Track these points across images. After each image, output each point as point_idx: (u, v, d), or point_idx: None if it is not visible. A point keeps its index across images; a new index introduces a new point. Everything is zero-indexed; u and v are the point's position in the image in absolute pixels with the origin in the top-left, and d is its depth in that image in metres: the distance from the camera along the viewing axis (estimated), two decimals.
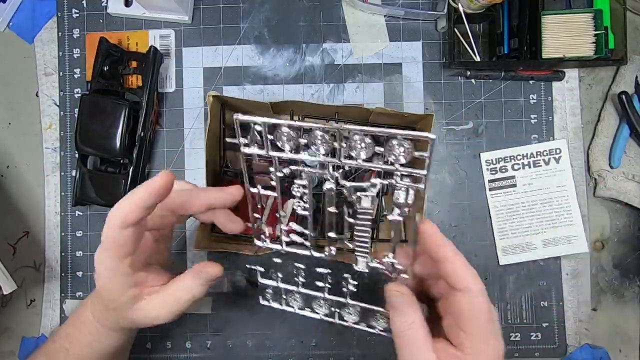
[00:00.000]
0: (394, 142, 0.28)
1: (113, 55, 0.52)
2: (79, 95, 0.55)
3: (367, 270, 0.35)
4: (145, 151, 0.52)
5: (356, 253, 0.35)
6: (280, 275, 0.38)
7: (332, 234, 0.35)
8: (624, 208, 0.55)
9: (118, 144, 0.50)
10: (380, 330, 0.36)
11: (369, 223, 0.32)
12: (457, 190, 0.55)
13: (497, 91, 0.55)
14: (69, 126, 0.55)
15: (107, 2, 0.55)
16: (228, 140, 0.33)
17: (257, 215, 0.38)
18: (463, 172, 0.55)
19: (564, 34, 0.51)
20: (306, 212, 0.34)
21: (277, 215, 0.37)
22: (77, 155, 0.52)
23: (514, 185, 0.54)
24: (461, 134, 0.55)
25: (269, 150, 0.32)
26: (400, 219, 0.30)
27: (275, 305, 0.40)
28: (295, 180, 0.33)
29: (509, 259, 0.53)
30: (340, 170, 0.32)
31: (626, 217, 0.55)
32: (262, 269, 0.39)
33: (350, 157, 0.30)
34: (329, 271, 0.36)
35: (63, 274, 0.55)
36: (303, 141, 0.31)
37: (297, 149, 0.31)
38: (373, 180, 0.31)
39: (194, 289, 0.36)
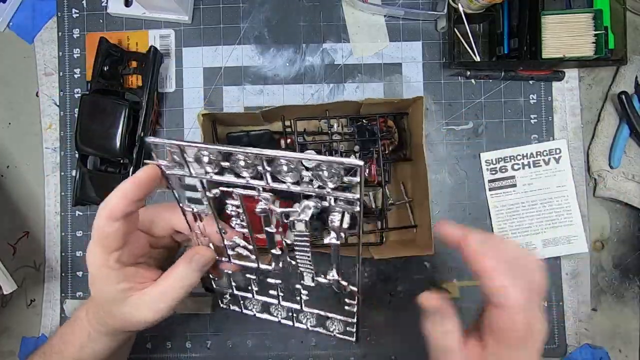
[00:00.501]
0: (323, 168, 0.27)
1: (113, 55, 0.52)
2: (79, 95, 0.55)
3: (313, 284, 0.35)
4: (145, 151, 0.52)
5: (300, 269, 0.34)
6: (234, 283, 0.38)
7: (274, 251, 0.34)
8: (624, 208, 0.55)
9: (118, 144, 0.50)
10: (338, 334, 0.36)
11: (307, 244, 0.31)
12: (457, 190, 0.55)
13: (497, 91, 0.55)
14: (69, 126, 0.55)
15: (107, 2, 0.55)
16: (146, 161, 0.32)
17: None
18: (463, 172, 0.55)
19: (564, 34, 0.51)
20: (245, 230, 0.33)
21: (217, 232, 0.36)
22: (77, 155, 0.52)
23: (514, 185, 0.54)
24: (461, 134, 0.55)
25: (191, 171, 0.30)
26: (337, 242, 0.30)
27: (234, 308, 0.40)
28: (227, 201, 0.32)
29: None
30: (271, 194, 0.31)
31: (626, 217, 0.55)
32: (215, 278, 0.39)
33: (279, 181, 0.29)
34: (279, 282, 0.36)
35: (63, 274, 0.55)
36: (226, 164, 0.29)
37: (221, 171, 0.30)
38: (306, 202, 0.30)
39: (187, 276, 0.34)
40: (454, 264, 0.54)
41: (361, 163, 0.25)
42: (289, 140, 0.52)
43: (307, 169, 0.28)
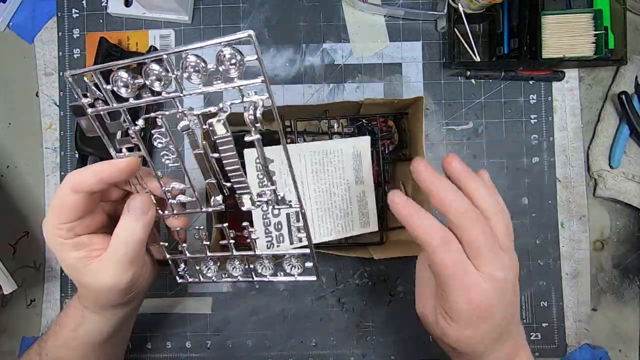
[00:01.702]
0: (224, 52, 0.27)
1: (113, 55, 0.52)
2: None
3: (254, 208, 0.33)
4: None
5: (237, 193, 0.32)
6: (185, 245, 0.37)
7: (210, 180, 0.32)
8: (624, 208, 0.55)
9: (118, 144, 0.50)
10: (299, 275, 0.34)
11: (234, 153, 0.30)
12: None
13: (497, 91, 0.55)
14: (69, 126, 0.55)
15: (107, 2, 0.55)
16: (71, 104, 0.31)
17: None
18: None
19: (564, 34, 0.51)
20: (177, 164, 0.32)
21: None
22: (77, 155, 0.52)
23: None
24: (461, 134, 0.55)
25: (112, 102, 0.30)
26: (258, 137, 0.29)
27: (193, 280, 0.39)
28: (153, 131, 0.31)
29: None
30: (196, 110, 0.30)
31: (626, 217, 0.55)
32: (166, 244, 0.38)
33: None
34: (226, 224, 0.35)
35: (63, 274, 0.55)
36: (140, 81, 0.29)
37: (138, 94, 0.29)
38: (221, 104, 0.29)
39: (129, 227, 0.33)
40: None
41: (250, 32, 0.25)
42: (289, 140, 0.52)
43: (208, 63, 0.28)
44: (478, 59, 0.54)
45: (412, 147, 0.51)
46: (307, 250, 0.33)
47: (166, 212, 0.36)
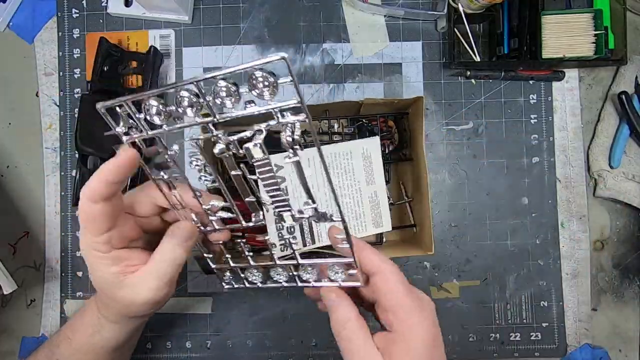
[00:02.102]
0: (256, 75, 0.27)
1: (113, 55, 0.52)
2: (79, 95, 0.55)
3: (295, 223, 0.34)
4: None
5: (278, 210, 0.32)
6: (229, 256, 0.38)
7: (249, 199, 0.33)
8: (624, 208, 0.55)
9: None
10: (342, 282, 0.34)
11: (272, 174, 0.30)
12: (457, 190, 0.55)
13: (497, 91, 0.55)
14: (69, 126, 0.55)
15: (107, 2, 0.55)
16: (106, 134, 0.31)
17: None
18: (463, 172, 0.55)
19: (564, 34, 0.51)
20: (216, 184, 0.32)
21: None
22: (77, 155, 0.52)
23: None
24: (461, 134, 0.55)
25: (147, 130, 0.30)
26: (297, 159, 0.28)
27: (239, 285, 0.39)
28: (189, 156, 0.32)
29: None
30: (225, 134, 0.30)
31: (626, 217, 0.55)
32: (210, 255, 0.38)
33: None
34: (268, 237, 0.36)
35: (63, 274, 0.55)
36: (171, 108, 0.29)
37: (170, 120, 0.30)
38: (256, 126, 0.28)
39: (171, 250, 0.34)
40: (454, 264, 0.54)
41: (283, 55, 0.24)
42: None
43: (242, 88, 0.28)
44: (478, 59, 0.54)
45: (412, 147, 0.51)
46: (350, 259, 0.33)
47: (208, 227, 0.37)
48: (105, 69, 0.51)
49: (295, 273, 0.37)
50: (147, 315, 0.39)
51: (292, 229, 0.47)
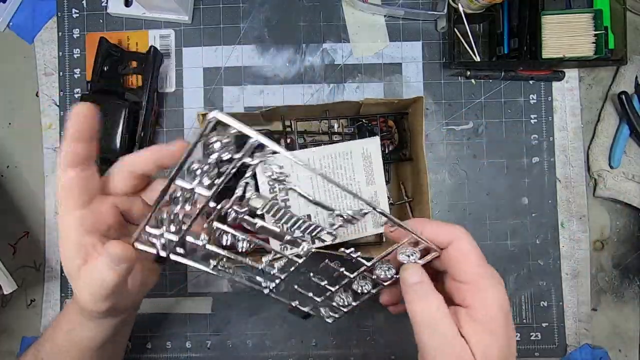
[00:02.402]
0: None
1: (113, 55, 0.52)
2: (79, 95, 0.55)
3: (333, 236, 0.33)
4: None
5: (314, 235, 0.32)
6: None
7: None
8: (624, 208, 0.55)
9: (118, 144, 0.50)
10: (420, 259, 0.31)
11: (288, 213, 0.30)
12: (457, 190, 0.55)
13: (497, 91, 0.55)
14: None
15: (107, 2, 0.55)
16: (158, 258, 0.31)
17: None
18: (463, 172, 0.55)
19: (564, 34, 0.51)
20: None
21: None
22: None
23: None
24: (461, 134, 0.55)
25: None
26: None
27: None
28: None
29: None
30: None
31: (626, 217, 0.55)
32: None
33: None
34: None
35: (63, 274, 0.55)
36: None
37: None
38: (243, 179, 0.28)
39: (101, 271, 0.30)
40: None
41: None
42: (289, 140, 0.52)
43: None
44: (478, 59, 0.54)
45: (412, 147, 0.51)
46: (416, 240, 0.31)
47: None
48: (105, 69, 0.51)
49: (354, 287, 0.35)
50: (118, 316, 0.37)
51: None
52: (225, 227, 0.31)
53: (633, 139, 0.54)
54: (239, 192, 0.28)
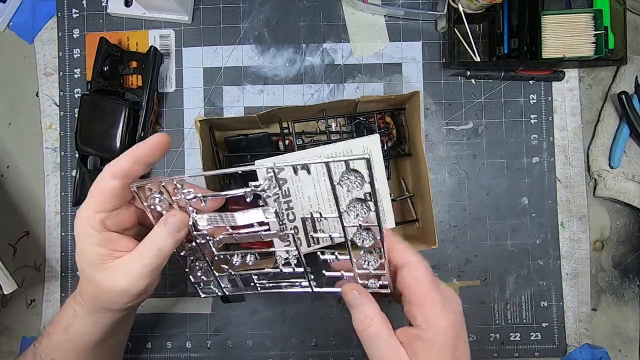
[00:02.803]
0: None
1: (113, 55, 0.52)
2: (79, 95, 0.55)
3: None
4: None
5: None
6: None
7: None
8: (624, 208, 0.55)
9: (118, 144, 0.50)
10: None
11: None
12: (457, 190, 0.55)
13: (497, 91, 0.55)
14: (69, 126, 0.55)
15: (107, 2, 0.55)
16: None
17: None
18: (463, 172, 0.55)
19: (564, 34, 0.51)
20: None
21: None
22: (77, 155, 0.52)
23: None
24: (461, 134, 0.55)
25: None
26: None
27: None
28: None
29: None
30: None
31: (626, 217, 0.55)
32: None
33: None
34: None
35: (63, 274, 0.55)
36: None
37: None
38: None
39: (159, 239, 0.33)
40: (454, 263, 0.54)
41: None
42: (287, 142, 0.52)
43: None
44: (478, 59, 0.54)
45: (411, 142, 0.51)
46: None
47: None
48: (105, 69, 0.51)
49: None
50: (122, 310, 0.38)
51: (296, 230, 0.46)
52: (225, 252, 0.36)
53: (633, 139, 0.54)
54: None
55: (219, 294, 0.40)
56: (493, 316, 0.54)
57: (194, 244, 0.36)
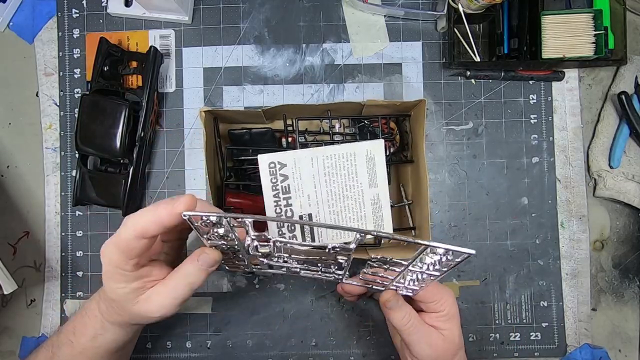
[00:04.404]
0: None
1: (113, 55, 0.52)
2: (79, 95, 0.55)
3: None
4: (145, 151, 0.52)
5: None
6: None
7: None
8: (624, 208, 0.55)
9: (118, 144, 0.50)
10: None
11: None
12: (457, 190, 0.55)
13: (497, 91, 0.55)
14: (69, 126, 0.55)
15: (107, 2, 0.55)
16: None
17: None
18: (463, 172, 0.55)
19: (564, 34, 0.51)
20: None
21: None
22: (77, 155, 0.52)
23: None
24: (461, 134, 0.55)
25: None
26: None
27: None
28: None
29: None
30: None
31: (626, 217, 0.55)
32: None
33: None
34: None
35: (63, 274, 0.55)
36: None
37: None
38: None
39: (192, 274, 0.35)
40: None
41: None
42: (290, 139, 0.52)
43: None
44: (478, 59, 0.54)
45: (414, 149, 0.51)
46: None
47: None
48: (105, 69, 0.51)
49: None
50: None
51: (293, 227, 0.46)
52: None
53: (633, 139, 0.54)
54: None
55: (246, 269, 0.41)
56: (493, 316, 0.54)
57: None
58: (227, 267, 0.41)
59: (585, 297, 0.54)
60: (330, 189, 0.47)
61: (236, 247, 0.34)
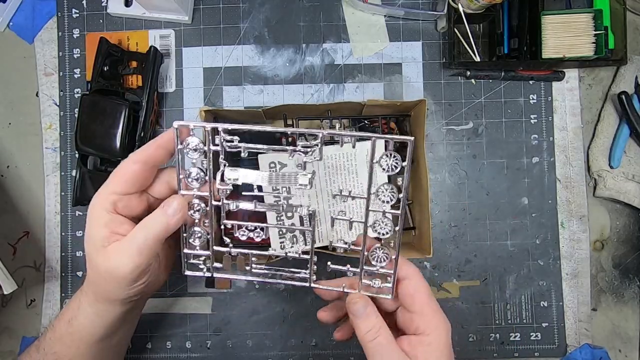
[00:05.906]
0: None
1: (113, 55, 0.52)
2: (79, 95, 0.55)
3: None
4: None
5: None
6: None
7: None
8: (624, 208, 0.55)
9: (118, 144, 0.50)
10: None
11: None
12: (457, 190, 0.55)
13: (497, 91, 0.55)
14: (69, 126, 0.55)
15: (107, 2, 0.55)
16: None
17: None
18: (463, 172, 0.55)
19: (564, 34, 0.51)
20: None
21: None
22: (77, 155, 0.52)
23: None
24: (461, 134, 0.55)
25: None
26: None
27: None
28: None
29: None
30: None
31: (626, 217, 0.55)
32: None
33: None
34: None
35: (63, 274, 0.55)
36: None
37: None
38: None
39: (154, 222, 0.34)
40: (454, 264, 0.54)
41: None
42: (290, 139, 0.52)
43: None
44: (478, 59, 0.54)
45: (414, 150, 0.50)
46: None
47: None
48: (105, 69, 0.51)
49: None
50: (124, 304, 0.37)
51: (291, 215, 0.46)
52: (233, 222, 0.36)
53: (633, 139, 0.54)
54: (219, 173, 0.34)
55: (206, 274, 0.38)
56: (493, 316, 0.54)
57: (207, 207, 0.36)
58: (186, 270, 0.39)
59: (586, 297, 0.54)
60: (331, 189, 0.47)
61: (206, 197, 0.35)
